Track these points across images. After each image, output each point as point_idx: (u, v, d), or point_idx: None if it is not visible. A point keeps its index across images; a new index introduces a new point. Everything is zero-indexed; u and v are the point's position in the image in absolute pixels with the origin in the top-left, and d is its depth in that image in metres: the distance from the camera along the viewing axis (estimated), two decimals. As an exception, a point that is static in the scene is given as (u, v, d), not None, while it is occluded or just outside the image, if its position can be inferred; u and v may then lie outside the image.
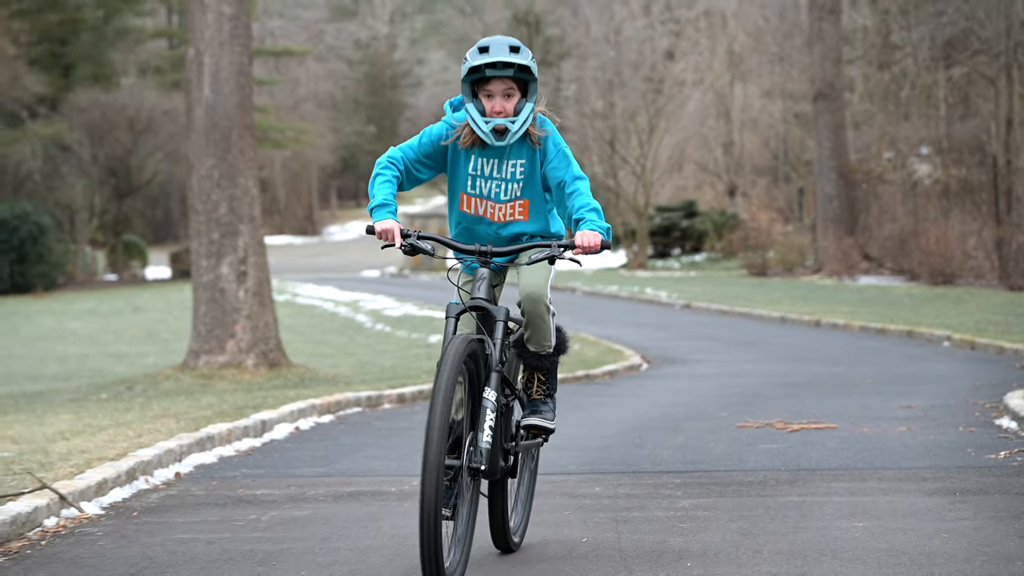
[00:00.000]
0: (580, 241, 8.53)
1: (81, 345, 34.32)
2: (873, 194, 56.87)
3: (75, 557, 10.34)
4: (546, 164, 9.04)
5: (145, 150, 70.18)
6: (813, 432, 16.98)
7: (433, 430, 7.81)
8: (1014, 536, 10.54)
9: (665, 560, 9.87)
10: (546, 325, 9.22)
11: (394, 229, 8.51)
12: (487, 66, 8.65)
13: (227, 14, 23.38)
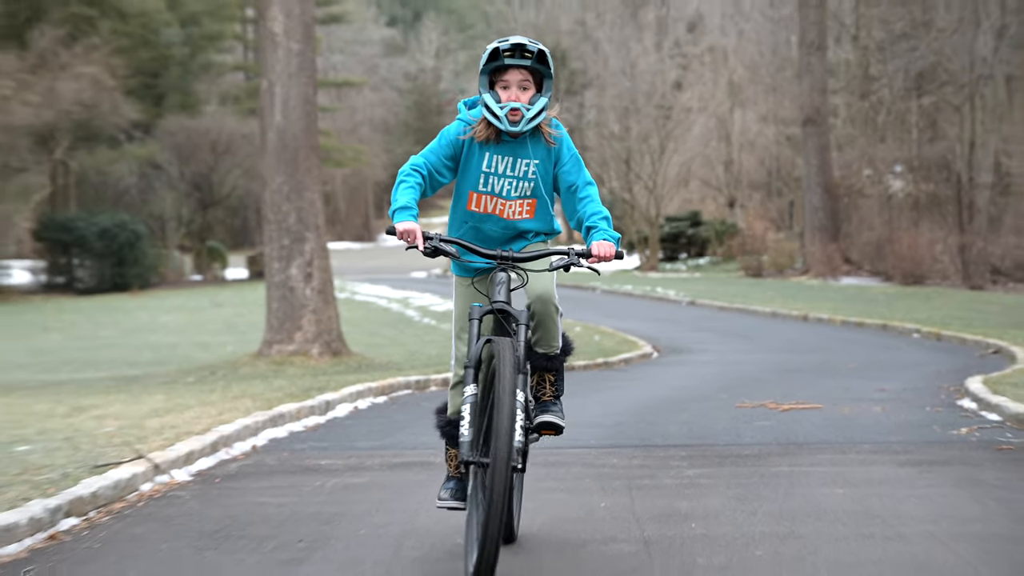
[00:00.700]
0: (596, 251, 7.98)
1: (171, 336, 34.35)
2: (854, 206, 56.79)
3: (167, 516, 10.42)
4: (560, 167, 8.47)
5: (225, 168, 70.13)
6: (801, 411, 16.97)
7: (502, 429, 7.31)
8: (973, 501, 10.58)
9: (673, 521, 9.92)
10: (555, 325, 8.60)
11: (415, 230, 7.83)
12: (507, 53, 8.03)
13: (295, 50, 23.45)
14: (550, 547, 8.99)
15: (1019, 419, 15.14)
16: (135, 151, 69.70)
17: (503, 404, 7.33)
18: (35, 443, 13.34)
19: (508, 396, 7.36)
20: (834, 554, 8.75)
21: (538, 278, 8.36)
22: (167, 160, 70.46)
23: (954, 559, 8.54)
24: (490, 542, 6.96)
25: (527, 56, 8.03)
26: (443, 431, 8.64)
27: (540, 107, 8.12)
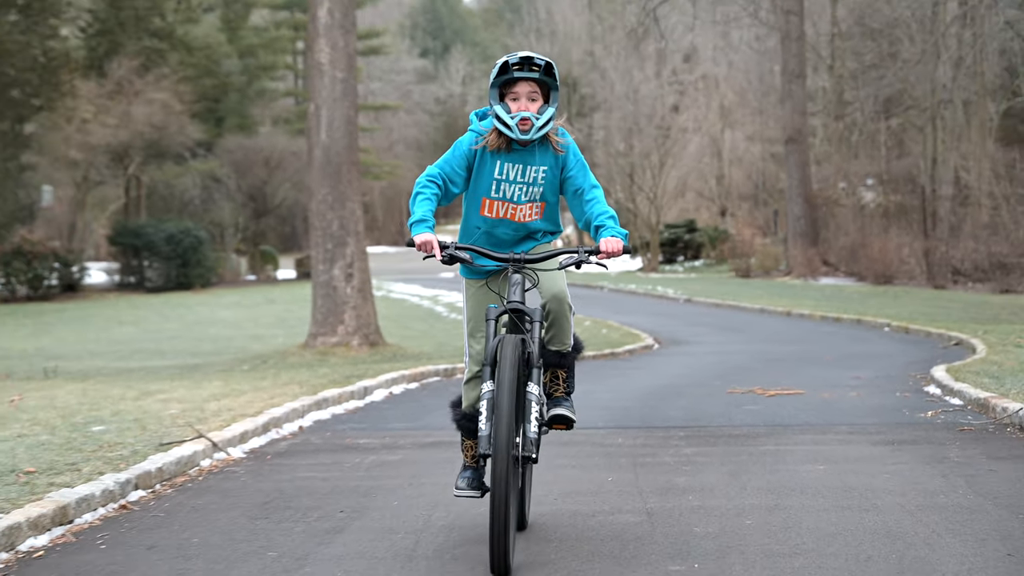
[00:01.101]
0: (604, 247, 7.60)
1: (228, 329, 34.40)
2: (830, 215, 56.71)
3: (224, 489, 10.41)
4: (567, 172, 8.13)
5: (277, 181, 70.21)
6: (785, 397, 16.90)
7: (501, 424, 6.98)
8: (938, 475, 10.53)
9: (672, 494, 9.88)
10: (568, 323, 8.28)
11: (432, 241, 7.53)
12: (516, 67, 7.75)
13: (339, 78, 23.44)
14: (563, 517, 8.93)
15: (979, 403, 15.08)
16: (198, 166, 69.96)
17: (502, 400, 7.07)
18: (109, 423, 13.34)
19: (507, 392, 7.09)
20: (816, 523, 8.69)
21: (552, 278, 8.12)
22: (226, 174, 70.69)
23: (921, 528, 8.48)
24: (497, 531, 6.63)
25: (535, 69, 7.82)
26: (459, 424, 8.30)
27: (548, 116, 7.90)
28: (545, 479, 10.59)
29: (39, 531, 8.64)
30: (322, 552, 8.07)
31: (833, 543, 8.11)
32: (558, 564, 7.58)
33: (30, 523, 8.55)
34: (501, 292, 7.97)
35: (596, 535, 8.45)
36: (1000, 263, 46.61)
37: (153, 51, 69.69)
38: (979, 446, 12.29)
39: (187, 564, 7.83)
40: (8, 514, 8.60)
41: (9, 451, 11.35)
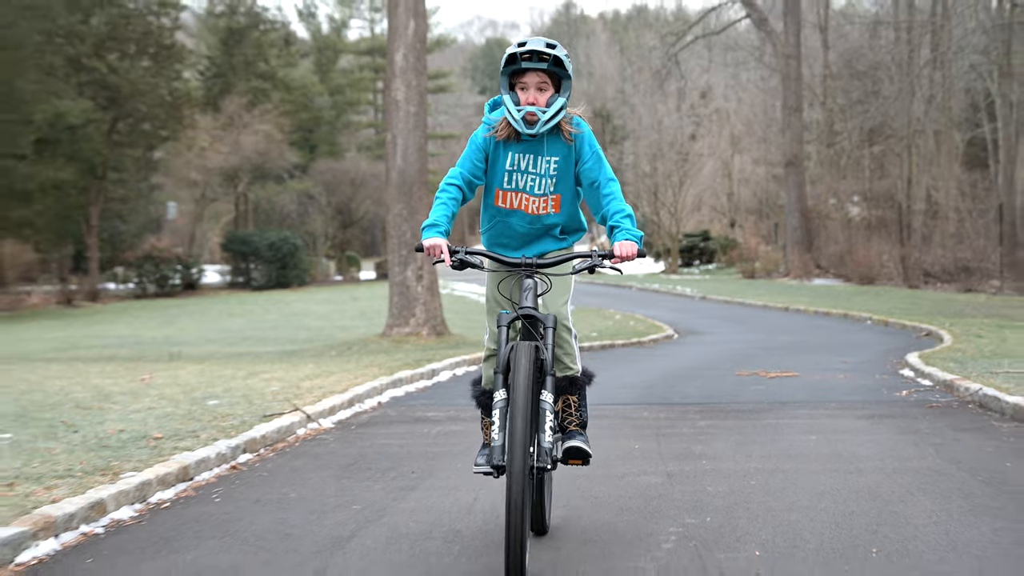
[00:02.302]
0: (618, 251, 6.32)
1: (319, 320, 34.43)
2: (822, 226, 56.50)
3: (316, 453, 10.43)
4: (581, 163, 6.71)
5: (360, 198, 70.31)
6: (784, 378, 16.85)
7: (516, 431, 5.77)
8: (911, 444, 10.49)
9: (689, 459, 9.85)
10: (569, 346, 6.80)
11: (440, 245, 6.32)
12: (524, 57, 6.43)
13: (412, 112, 23.49)
14: (597, 478, 8.92)
15: (946, 384, 15.02)
16: (295, 186, 70.17)
17: (516, 408, 5.84)
18: (221, 398, 13.39)
19: (522, 400, 5.85)
20: (809, 484, 8.67)
21: (553, 300, 6.78)
22: (318, 192, 70.88)
23: (897, 488, 8.46)
24: (512, 540, 5.52)
25: (544, 59, 6.44)
26: (478, 401, 7.09)
27: (556, 108, 6.53)
28: (583, 446, 10.60)
29: (166, 487, 8.70)
30: (397, 505, 8.09)
31: (823, 500, 8.09)
32: (593, 516, 7.59)
33: (158, 480, 8.62)
34: (512, 296, 6.68)
35: (625, 493, 8.45)
36: (964, 267, 46.50)
37: (259, 90, 70.03)
38: (945, 420, 12.25)
39: (286, 514, 7.87)
40: (141, 472, 8.68)
41: (141, 420, 11.43)
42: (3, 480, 8.32)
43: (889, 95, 54.15)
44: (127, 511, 8.01)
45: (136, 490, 8.28)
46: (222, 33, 72.10)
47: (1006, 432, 11.32)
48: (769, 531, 7.19)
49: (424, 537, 7.14)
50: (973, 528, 7.23)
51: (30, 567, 6.63)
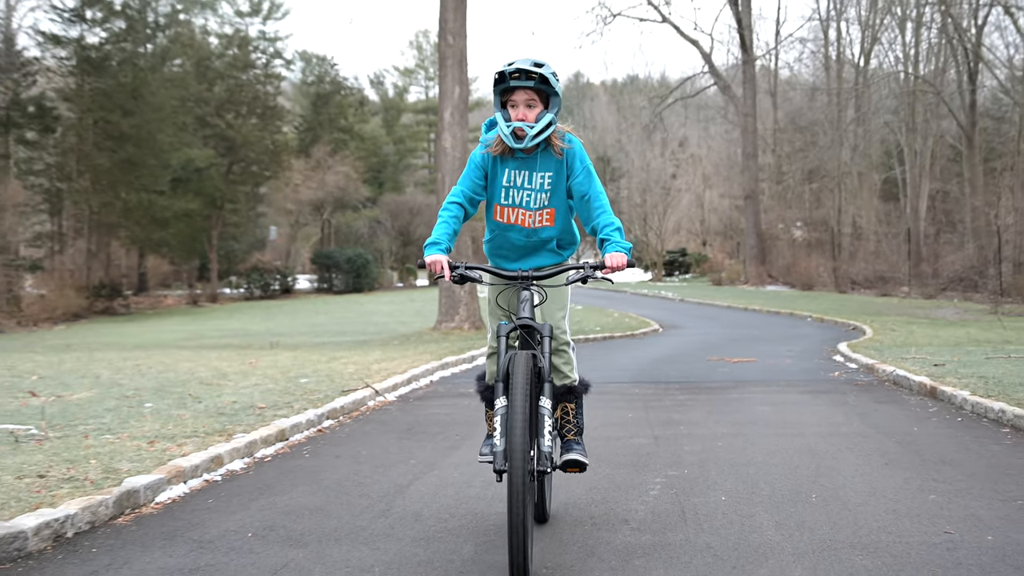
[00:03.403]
0: (609, 262, 5.38)
1: (384, 317, 34.49)
2: (773, 245, 56.43)
3: (382, 420, 10.39)
4: (572, 178, 5.73)
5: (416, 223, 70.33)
6: (745, 363, 16.79)
7: (515, 438, 4.82)
8: (841, 414, 10.45)
9: (670, 425, 9.81)
10: (566, 359, 5.87)
11: (441, 261, 5.45)
12: (513, 76, 5.54)
13: (457, 156, 23.48)
14: (600, 441, 8.88)
15: (867, 367, 14.98)
16: (367, 213, 70.47)
17: (515, 415, 4.90)
18: (310, 377, 13.40)
19: (520, 407, 4.91)
20: (764, 444, 8.62)
21: (551, 314, 5.86)
22: (384, 218, 71.30)
23: (830, 447, 8.41)
24: (515, 544, 4.69)
25: (531, 77, 5.53)
26: (482, 395, 6.18)
27: (545, 123, 5.57)
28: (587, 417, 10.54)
29: (267, 445, 8.70)
30: (445, 460, 8.07)
31: (774, 457, 8.05)
32: (596, 470, 7.55)
33: (262, 439, 8.63)
34: (510, 307, 5.75)
35: (621, 451, 8.42)
36: (881, 276, 46.46)
37: (339, 141, 70.41)
38: (867, 394, 12.19)
39: (359, 467, 7.86)
40: (248, 433, 8.68)
41: (248, 394, 11.45)
42: (146, 439, 8.35)
43: (823, 145, 54.26)
44: (238, 463, 8.02)
45: (245, 447, 8.29)
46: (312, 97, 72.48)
47: (913, 404, 11.27)
48: (732, 481, 7.15)
49: (466, 485, 7.12)
50: (888, 478, 7.19)
51: (166, 506, 6.65)
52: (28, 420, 9.34)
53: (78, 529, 5.96)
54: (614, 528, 5.89)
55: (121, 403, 10.66)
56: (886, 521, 5.98)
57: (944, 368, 13.65)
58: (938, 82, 46.21)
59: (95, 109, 49.25)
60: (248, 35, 63.03)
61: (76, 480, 6.72)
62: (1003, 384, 11.58)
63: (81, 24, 50.55)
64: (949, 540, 5.57)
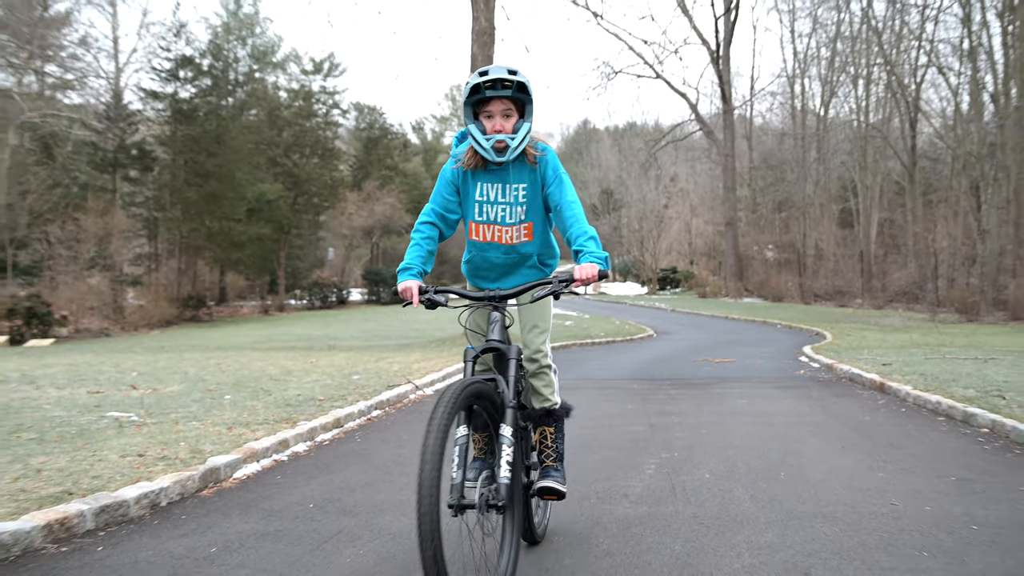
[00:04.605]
0: (578, 274, 4.18)
1: (424, 325, 34.53)
2: (749, 264, 56.19)
3: (421, 410, 10.36)
4: (546, 187, 4.56)
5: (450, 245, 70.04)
6: (725, 363, 16.73)
7: (424, 480, 3.55)
8: (806, 405, 10.38)
9: (664, 415, 9.77)
10: (545, 383, 4.72)
11: (412, 287, 4.34)
12: (488, 86, 4.41)
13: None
14: (601, 428, 8.87)
15: (828, 366, 14.90)
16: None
17: (427, 447, 3.61)
18: (361, 374, 13.41)
19: (433, 438, 3.61)
20: (741, 430, 8.59)
21: (528, 337, 4.75)
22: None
23: (797, 433, 8.37)
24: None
25: (507, 86, 4.42)
26: None
27: (524, 133, 4.46)
28: (593, 408, 10.53)
29: (326, 431, 8.70)
30: (474, 444, 8.08)
31: (750, 441, 8.02)
32: (601, 453, 7.54)
33: (321, 426, 8.63)
34: (479, 329, 4.67)
35: (621, 437, 8.40)
36: (838, 290, 46.34)
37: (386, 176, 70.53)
38: (828, 389, 12.13)
39: (401, 450, 7.86)
40: (310, 421, 8.69)
41: (310, 388, 11.46)
42: (225, 425, 8.37)
43: (791, 180, 54.24)
44: (302, 446, 8.03)
45: (307, 432, 8.30)
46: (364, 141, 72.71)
47: (866, 397, 11.21)
48: (715, 461, 7.13)
49: (491, 464, 7.12)
50: (845, 459, 7.16)
51: (242, 481, 6.67)
52: (130, 409, 9.39)
53: (170, 499, 6.00)
54: (616, 501, 5.88)
55: (205, 395, 10.70)
56: (842, 495, 5.96)
57: (891, 367, 13.59)
58: (885, 129, 46.41)
59: (185, 151, 49.85)
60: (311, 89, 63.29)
61: (168, 459, 6.76)
62: (939, 380, 11.54)
63: (175, 82, 51.39)
64: (894, 510, 5.56)
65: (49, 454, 6.87)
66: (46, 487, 5.78)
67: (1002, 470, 6.77)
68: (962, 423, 8.98)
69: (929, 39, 39.34)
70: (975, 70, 34.17)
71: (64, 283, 39.82)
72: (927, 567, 4.46)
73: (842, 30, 48.84)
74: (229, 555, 4.85)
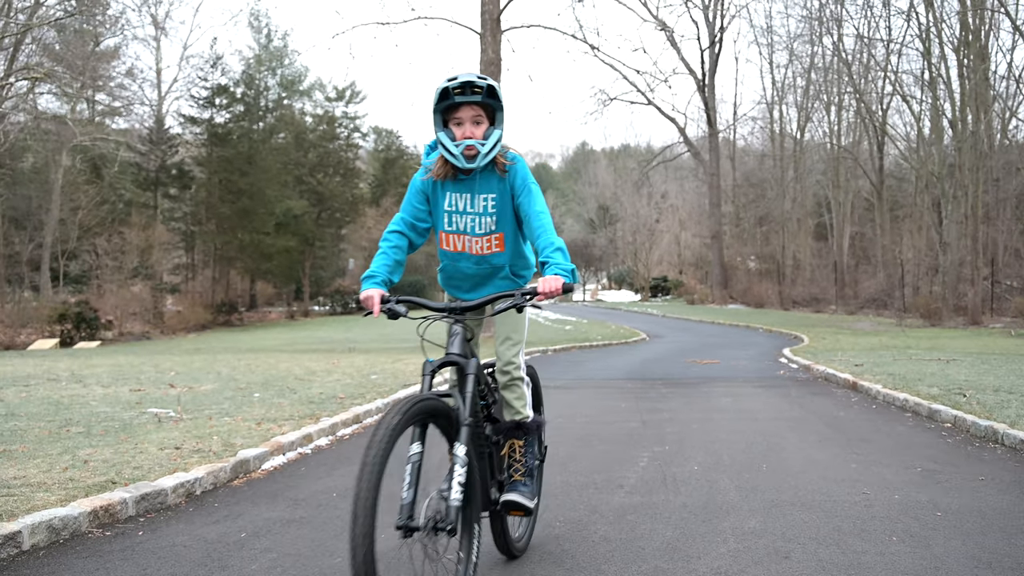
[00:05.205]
0: (542, 287, 3.61)
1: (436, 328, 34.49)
2: (733, 273, 56.10)
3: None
4: (515, 198, 3.98)
5: (461, 257, 70.35)
6: (712, 364, 16.69)
7: (359, 503, 2.94)
8: (785, 403, 10.35)
9: (655, 412, 9.73)
10: (516, 396, 4.17)
11: (373, 296, 3.82)
12: (457, 91, 3.84)
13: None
14: (597, 424, 8.84)
15: (805, 367, 14.87)
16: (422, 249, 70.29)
17: (363, 474, 2.98)
18: (379, 374, 13.38)
19: (371, 464, 3.00)
20: (727, 426, 8.56)
21: (500, 350, 4.22)
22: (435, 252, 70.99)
23: (777, 429, 8.34)
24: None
25: (477, 92, 3.84)
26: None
27: (495, 140, 3.92)
28: (591, 405, 10.49)
29: (346, 426, 8.68)
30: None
31: (734, 436, 7.99)
32: (598, 447, 7.51)
33: (342, 422, 8.60)
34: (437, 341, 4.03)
35: (616, 433, 8.37)
36: (814, 297, 46.20)
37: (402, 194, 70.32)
38: (805, 388, 12.09)
39: (417, 443, 7.84)
40: (332, 417, 8.67)
41: (332, 387, 11.43)
42: (255, 420, 8.35)
43: (770, 197, 54.26)
44: (324, 440, 8.00)
45: (329, 428, 8.27)
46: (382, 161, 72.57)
47: (839, 395, 11.17)
48: (703, 455, 7.10)
49: (498, 456, 7.09)
50: (822, 452, 7.13)
51: (270, 472, 6.65)
52: (168, 405, 9.38)
53: (204, 488, 5.98)
54: (612, 491, 5.85)
55: (236, 393, 10.69)
56: (819, 485, 5.94)
57: (862, 367, 13.54)
58: (855, 151, 46.56)
59: (220, 171, 50.01)
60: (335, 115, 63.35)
61: (203, 451, 6.74)
62: (906, 379, 11.49)
63: (212, 108, 51.66)
64: (866, 499, 5.53)
65: (95, 446, 6.86)
66: (92, 477, 5.77)
67: (963, 462, 6.74)
68: (927, 419, 8.95)
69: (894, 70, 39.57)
70: (935, 98, 34.26)
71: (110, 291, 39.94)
72: (896, 550, 4.44)
73: (816, 62, 48.99)
74: (258, 540, 4.84)
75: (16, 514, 4.79)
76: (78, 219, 45.06)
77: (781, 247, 52.00)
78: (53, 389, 11.25)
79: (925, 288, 35.80)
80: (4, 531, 4.49)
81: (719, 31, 52.90)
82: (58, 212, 43.77)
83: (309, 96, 64.61)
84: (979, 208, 31.24)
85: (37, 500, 5.12)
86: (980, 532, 4.78)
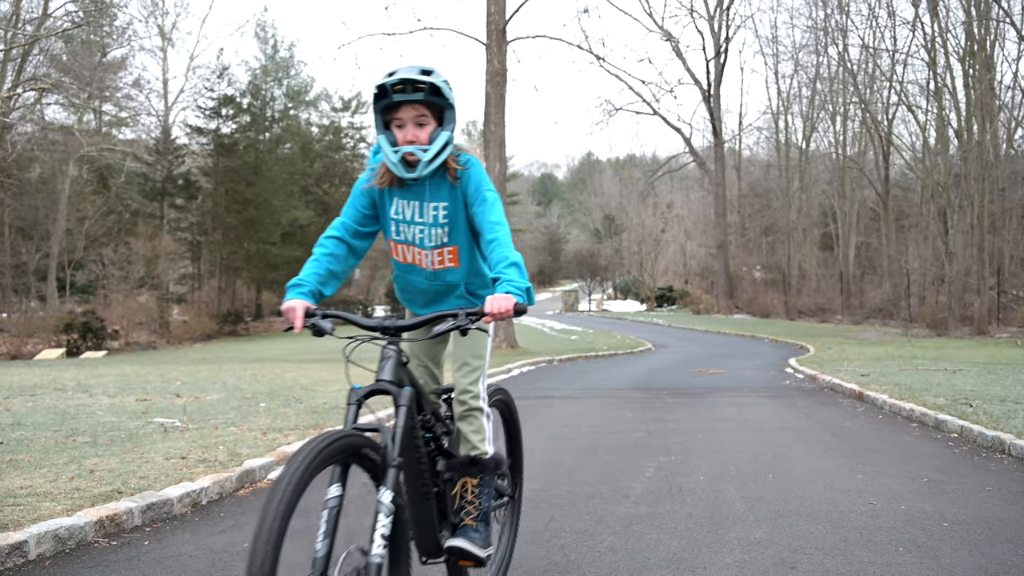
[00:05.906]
0: (490, 307, 2.94)
1: (443, 338, 34.56)
2: (739, 283, 56.09)
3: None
4: (470, 208, 3.37)
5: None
6: (717, 374, 16.67)
7: (255, 562, 2.27)
8: (791, 413, 10.33)
9: (661, 422, 9.72)
10: (474, 429, 3.58)
11: (296, 308, 3.12)
12: (396, 89, 3.16)
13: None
14: (603, 433, 8.83)
15: (811, 377, 14.84)
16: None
17: (264, 522, 2.40)
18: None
19: (273, 511, 2.44)
20: (732, 436, 8.54)
21: (458, 376, 3.65)
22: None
23: (783, 439, 8.32)
24: None
25: (420, 89, 3.17)
26: None
27: (441, 144, 3.24)
28: (597, 415, 10.48)
29: (352, 435, 8.65)
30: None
31: (739, 446, 7.97)
32: (604, 457, 7.50)
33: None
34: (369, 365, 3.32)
35: (623, 442, 8.36)
36: (820, 307, 46.13)
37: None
38: (811, 398, 12.07)
39: (423, 452, 7.84)
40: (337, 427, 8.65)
41: (336, 397, 11.37)
42: (260, 430, 8.36)
43: (776, 207, 54.22)
44: (331, 449, 7.99)
45: (336, 437, 8.25)
46: (388, 172, 72.84)
47: (845, 405, 11.15)
48: (709, 465, 7.08)
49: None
50: (828, 462, 7.11)
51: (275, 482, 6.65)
52: (174, 415, 9.39)
53: (210, 498, 5.98)
54: (618, 501, 5.84)
55: (242, 403, 10.69)
56: (825, 495, 5.92)
57: (868, 377, 13.52)
58: (860, 161, 46.51)
59: (226, 181, 50.17)
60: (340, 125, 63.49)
61: (209, 461, 6.74)
62: (912, 389, 11.47)
63: (218, 119, 51.88)
64: (872, 509, 5.51)
65: (101, 456, 6.87)
66: (98, 486, 5.78)
67: (970, 472, 6.72)
68: (933, 429, 8.93)
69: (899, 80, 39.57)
70: (941, 108, 34.27)
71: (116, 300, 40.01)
72: (903, 561, 4.43)
73: (821, 72, 48.98)
74: (264, 549, 4.82)
75: (22, 523, 4.80)
76: (85, 229, 45.20)
77: (787, 257, 51.98)
78: (59, 399, 11.27)
79: (931, 298, 35.73)
80: (10, 540, 4.49)
81: (724, 41, 53.03)
82: (65, 222, 43.90)
83: (315, 106, 64.73)
84: (985, 218, 31.18)
85: (43, 509, 5.12)
86: (987, 543, 4.77)
